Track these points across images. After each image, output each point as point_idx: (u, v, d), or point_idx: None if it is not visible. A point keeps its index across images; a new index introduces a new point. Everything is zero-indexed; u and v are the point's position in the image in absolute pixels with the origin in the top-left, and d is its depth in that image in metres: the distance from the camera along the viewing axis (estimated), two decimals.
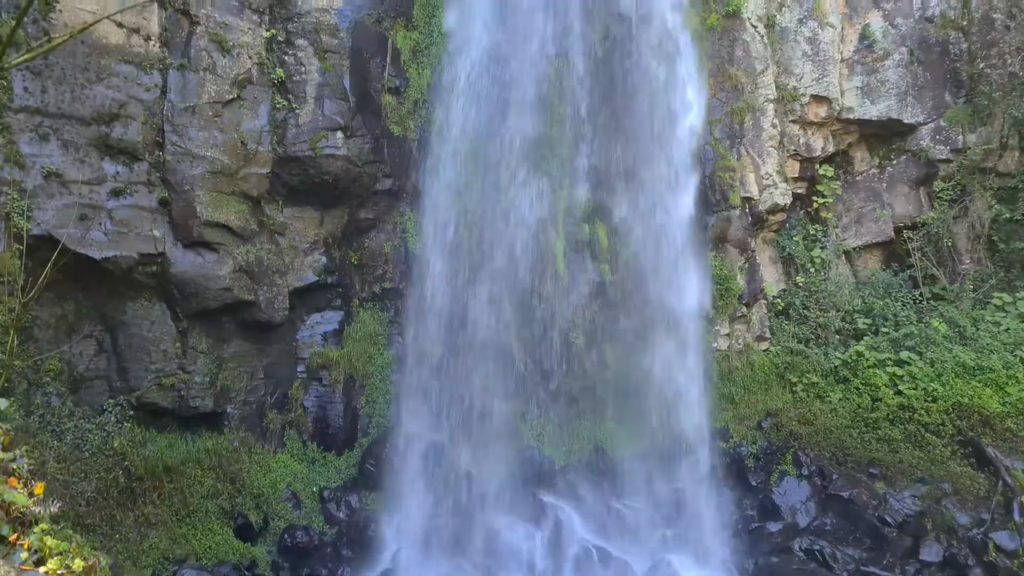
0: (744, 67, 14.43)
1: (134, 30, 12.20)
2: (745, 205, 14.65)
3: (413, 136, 14.02)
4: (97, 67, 11.86)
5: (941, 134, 14.76)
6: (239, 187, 13.10)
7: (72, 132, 11.67)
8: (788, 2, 14.56)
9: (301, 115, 13.59)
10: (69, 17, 11.71)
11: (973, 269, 14.61)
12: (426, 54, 14.03)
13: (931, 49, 14.66)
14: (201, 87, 12.65)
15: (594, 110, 13.88)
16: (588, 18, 13.64)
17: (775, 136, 14.74)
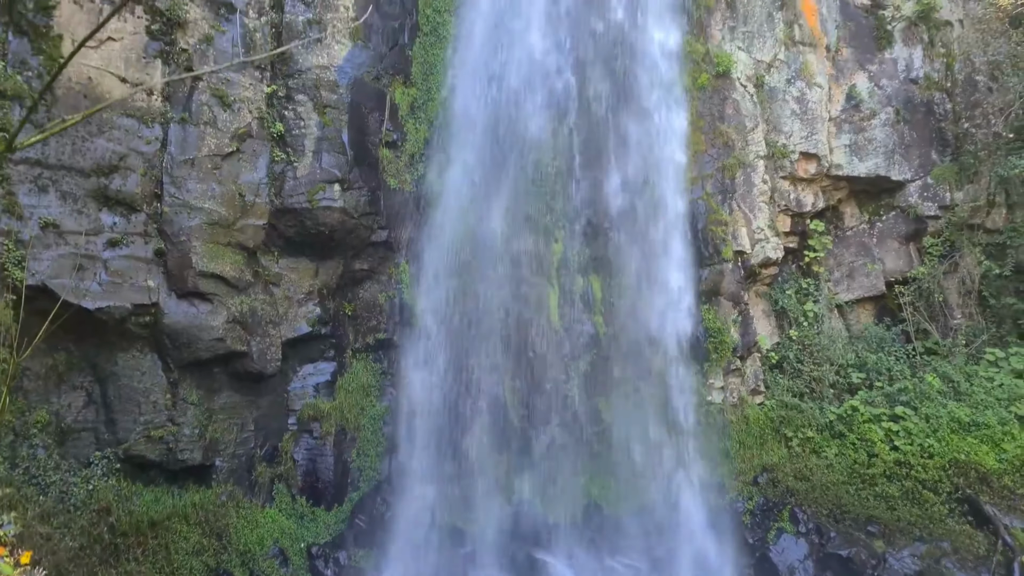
0: (735, 124, 14.74)
1: (136, 84, 12.44)
2: (737, 259, 14.77)
3: (409, 188, 14.20)
4: (99, 121, 12.06)
5: (929, 191, 15.03)
6: (235, 238, 13.18)
7: (71, 183, 11.79)
8: (776, 63, 14.96)
9: (299, 168, 13.76)
10: (74, 72, 11.97)
11: (965, 324, 14.69)
12: (423, 109, 14.32)
13: (916, 109, 15.05)
14: (201, 140, 12.84)
15: (588, 164, 14.12)
16: (582, 78, 13.98)
17: (766, 191, 14.96)
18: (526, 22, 13.40)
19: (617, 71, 13.67)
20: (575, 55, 13.48)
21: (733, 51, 14.77)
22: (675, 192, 13.84)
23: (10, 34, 11.48)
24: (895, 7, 15.20)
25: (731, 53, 14.72)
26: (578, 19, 13.60)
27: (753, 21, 14.81)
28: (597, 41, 13.63)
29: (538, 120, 13.46)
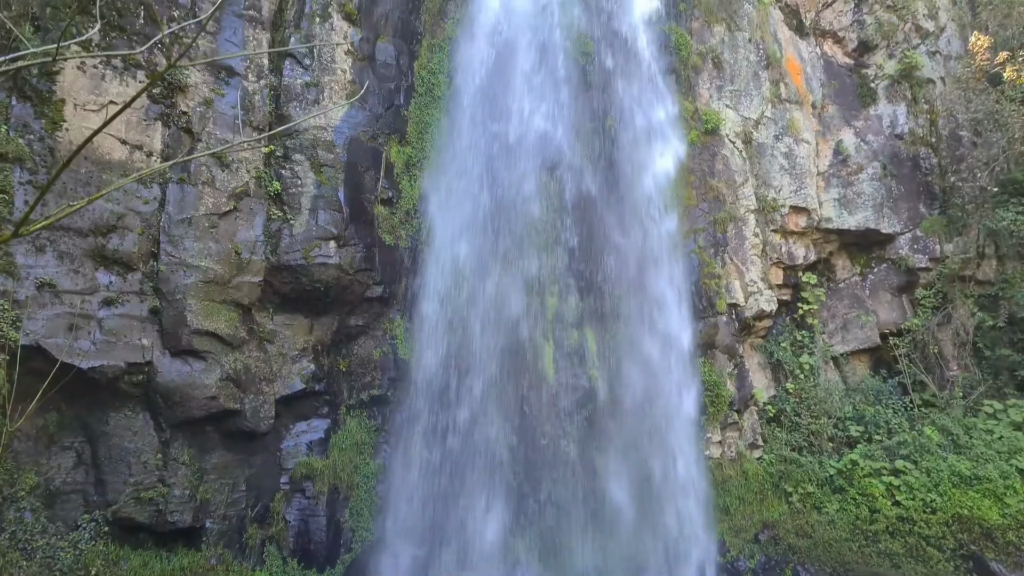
0: (725, 179, 14.99)
1: (137, 147, 12.67)
2: (731, 311, 14.82)
3: (404, 245, 14.34)
4: (99, 182, 12.21)
5: (919, 243, 15.19)
6: (231, 295, 13.23)
7: (69, 243, 11.88)
8: (763, 120, 15.30)
9: (295, 225, 13.90)
10: (75, 135, 12.19)
11: (961, 376, 14.65)
12: (418, 167, 14.57)
13: (903, 163, 15.33)
14: (199, 200, 13.00)
15: (582, 219, 14.29)
16: (577, 135, 14.28)
17: (758, 245, 15.11)
18: (514, 91, 13.75)
19: (611, 130, 13.97)
20: (566, 119, 13.78)
21: (721, 109, 15.12)
22: (669, 246, 13.99)
23: (13, 99, 11.74)
24: (878, 66, 15.64)
25: (719, 111, 15.07)
26: (570, 94, 13.97)
27: (740, 80, 15.21)
28: (590, 108, 13.96)
29: (531, 177, 13.69)
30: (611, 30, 14.46)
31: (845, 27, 16.11)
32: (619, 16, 14.50)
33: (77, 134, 12.18)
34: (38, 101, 11.86)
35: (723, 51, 15.15)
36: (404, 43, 14.77)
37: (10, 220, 11.46)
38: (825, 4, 16.11)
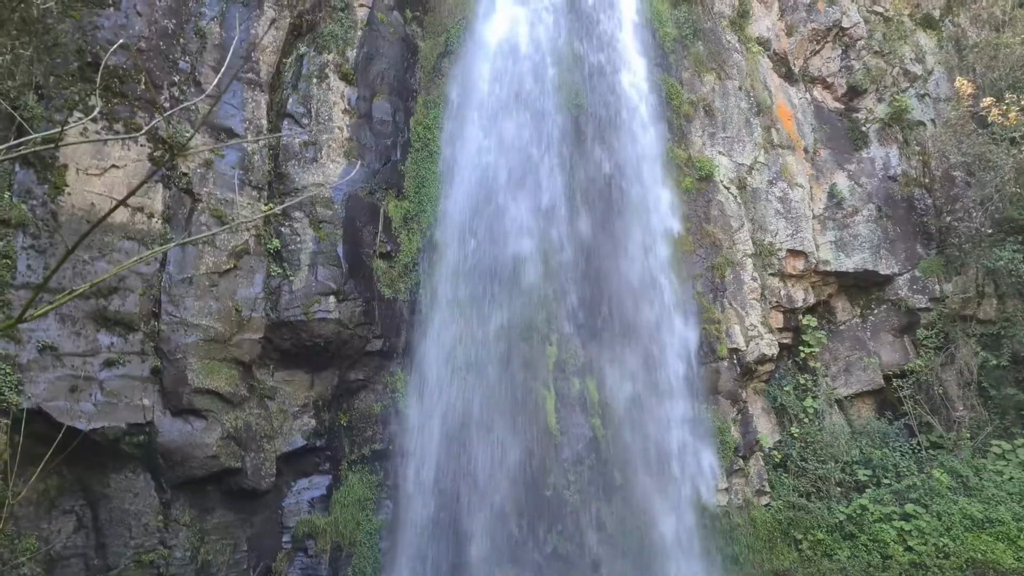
0: (721, 225, 15.08)
1: (138, 209, 12.86)
2: (733, 356, 14.78)
3: (404, 298, 14.42)
4: (100, 244, 12.39)
5: (918, 284, 15.18)
6: (231, 353, 13.27)
7: (71, 306, 11.99)
8: (757, 166, 15.46)
9: (295, 282, 14.01)
10: (77, 200, 12.39)
11: (968, 416, 14.50)
12: (416, 220, 14.74)
13: (898, 205, 15.43)
14: (199, 259, 13.15)
15: (581, 266, 14.37)
16: (571, 176, 14.45)
17: (756, 289, 15.13)
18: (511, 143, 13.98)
19: (606, 174, 14.14)
20: (561, 171, 13.96)
21: (714, 156, 15.29)
22: (669, 291, 14.03)
23: (17, 166, 11.98)
24: (868, 110, 15.85)
25: (712, 158, 15.24)
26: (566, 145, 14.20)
27: (732, 127, 15.42)
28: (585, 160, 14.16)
29: (530, 228, 13.82)
30: (603, 81, 14.74)
31: (834, 73, 16.37)
32: (610, 67, 14.79)
33: (79, 198, 12.38)
34: (41, 167, 12.09)
35: (714, 99, 15.39)
36: (400, 100, 15.06)
37: (11, 284, 11.61)
38: (813, 51, 16.41)
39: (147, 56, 12.61)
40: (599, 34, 14.88)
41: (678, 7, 15.62)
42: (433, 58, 15.26)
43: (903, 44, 16.28)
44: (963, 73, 15.36)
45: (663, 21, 15.24)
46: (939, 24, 16.92)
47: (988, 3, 16.43)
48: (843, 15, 16.44)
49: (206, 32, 13.12)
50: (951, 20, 16.84)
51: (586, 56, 14.84)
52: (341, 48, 14.28)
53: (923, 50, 16.51)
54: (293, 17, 13.99)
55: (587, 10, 14.99)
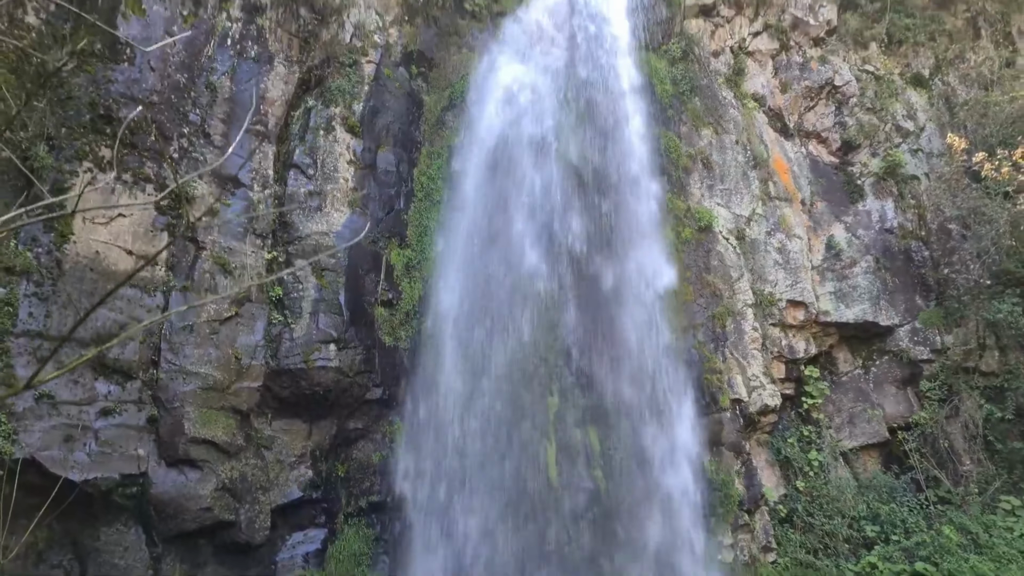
0: (720, 275, 15.17)
1: (142, 257, 12.95)
2: (735, 407, 14.64)
3: (405, 346, 14.38)
4: (103, 292, 12.38)
5: (919, 335, 15.18)
6: (229, 402, 13.15)
7: (70, 353, 11.90)
8: (755, 217, 15.66)
9: (296, 329, 13.99)
10: (82, 248, 12.47)
11: (975, 470, 14.29)
12: (418, 268, 14.82)
13: (895, 257, 15.56)
14: (201, 306, 13.16)
15: (580, 318, 14.37)
16: (573, 224, 14.59)
17: (757, 339, 15.11)
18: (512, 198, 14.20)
19: (604, 229, 14.29)
20: (563, 221, 14.12)
21: (713, 207, 15.50)
22: (670, 344, 14.00)
23: (25, 216, 12.09)
24: (863, 164, 16.16)
25: (711, 209, 15.44)
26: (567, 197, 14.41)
27: (729, 179, 15.68)
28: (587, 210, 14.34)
29: (530, 276, 13.88)
30: (603, 134, 15.05)
31: (828, 128, 16.77)
32: (610, 120, 15.12)
33: (84, 246, 12.46)
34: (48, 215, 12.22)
35: (712, 153, 15.70)
36: (404, 151, 15.35)
37: (12, 332, 11.57)
38: (807, 107, 16.84)
39: (158, 109, 12.89)
40: (599, 89, 15.27)
41: (675, 65, 16.08)
42: (437, 111, 15.62)
43: (894, 101, 16.72)
44: (954, 129, 15.71)
45: (661, 78, 15.67)
46: (929, 83, 17.40)
47: (976, 63, 16.94)
48: (835, 73, 16.93)
49: (217, 86, 13.44)
50: (940, 79, 17.33)
51: (586, 109, 15.20)
52: (348, 102, 14.62)
53: (914, 107, 16.94)
54: (302, 72, 14.37)
55: (587, 67, 15.42)
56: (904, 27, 17.47)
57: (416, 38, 15.83)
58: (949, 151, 15.19)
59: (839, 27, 17.48)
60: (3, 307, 11.52)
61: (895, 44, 17.47)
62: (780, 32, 17.15)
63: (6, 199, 11.88)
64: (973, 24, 17.74)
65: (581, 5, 15.72)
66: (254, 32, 13.88)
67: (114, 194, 12.75)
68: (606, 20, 15.64)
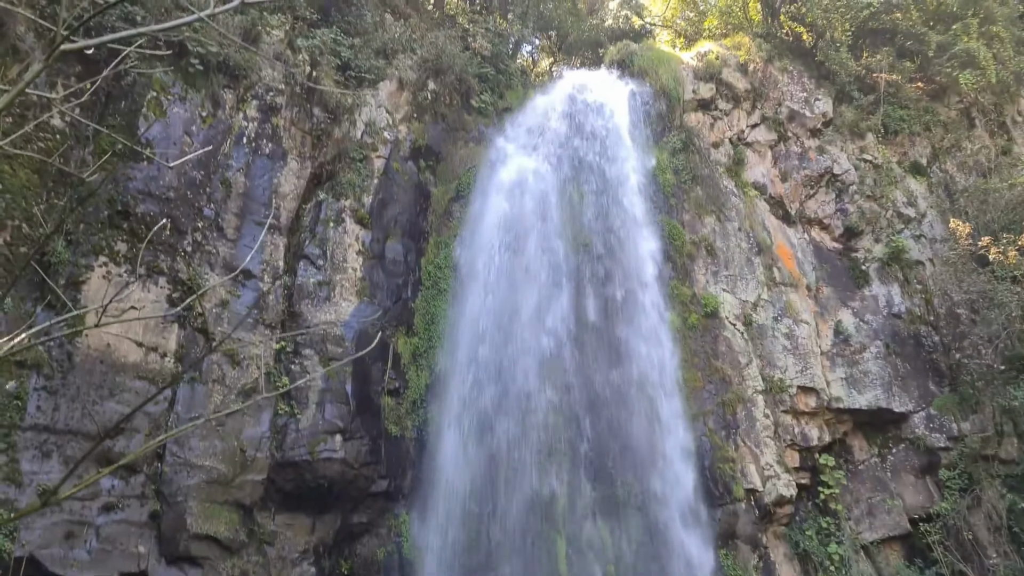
0: (729, 361, 15.09)
1: (152, 348, 13.04)
2: (750, 497, 14.27)
3: (411, 436, 14.25)
4: (112, 384, 12.45)
5: (934, 422, 14.90)
6: (233, 495, 12.95)
7: (75, 447, 11.87)
8: (761, 303, 15.70)
9: (302, 420, 13.91)
10: (94, 341, 12.60)
11: (1003, 564, 13.71)
12: (425, 356, 14.85)
13: (905, 342, 15.45)
14: (208, 398, 13.15)
15: (589, 405, 14.25)
16: (578, 313, 14.66)
17: (769, 426, 14.88)
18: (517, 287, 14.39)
19: (609, 316, 14.36)
20: (567, 314, 14.24)
21: (718, 293, 15.58)
22: (678, 434, 13.82)
23: (39, 308, 12.30)
24: (866, 250, 16.29)
25: (717, 295, 15.52)
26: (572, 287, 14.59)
27: (734, 265, 15.82)
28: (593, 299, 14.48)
29: (537, 369, 13.88)
30: (607, 222, 15.34)
31: (829, 215, 17.02)
32: (615, 209, 15.44)
33: (95, 339, 12.59)
34: (61, 309, 12.41)
35: (715, 239, 15.92)
36: (412, 241, 15.65)
37: (19, 426, 11.58)
38: (808, 195, 17.15)
39: (174, 204, 13.28)
40: (603, 180, 15.67)
41: (676, 156, 16.53)
42: (445, 202, 16.01)
43: (894, 189, 17.02)
44: (955, 216, 15.90)
45: (663, 168, 16.08)
46: (927, 170, 17.75)
47: (973, 152, 17.32)
48: (834, 162, 17.32)
49: (232, 181, 13.89)
50: (938, 167, 17.68)
51: (590, 200, 15.55)
52: (358, 194, 15.03)
53: (914, 194, 17.21)
54: (314, 167, 14.86)
55: (591, 158, 15.89)
56: (899, 118, 17.99)
57: (424, 133, 16.41)
58: (952, 236, 15.32)
59: (835, 119, 18.02)
60: (12, 401, 11.56)
61: (891, 134, 17.94)
62: (777, 124, 17.68)
63: (21, 292, 12.15)
64: (967, 115, 18.24)
65: (584, 100, 16.34)
66: (269, 130, 14.44)
67: (127, 287, 13.00)
68: (609, 114, 16.22)
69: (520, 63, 20.55)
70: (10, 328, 11.75)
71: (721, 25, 20.27)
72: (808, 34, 18.54)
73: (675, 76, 17.23)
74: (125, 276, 13.04)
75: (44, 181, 12.41)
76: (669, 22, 22.42)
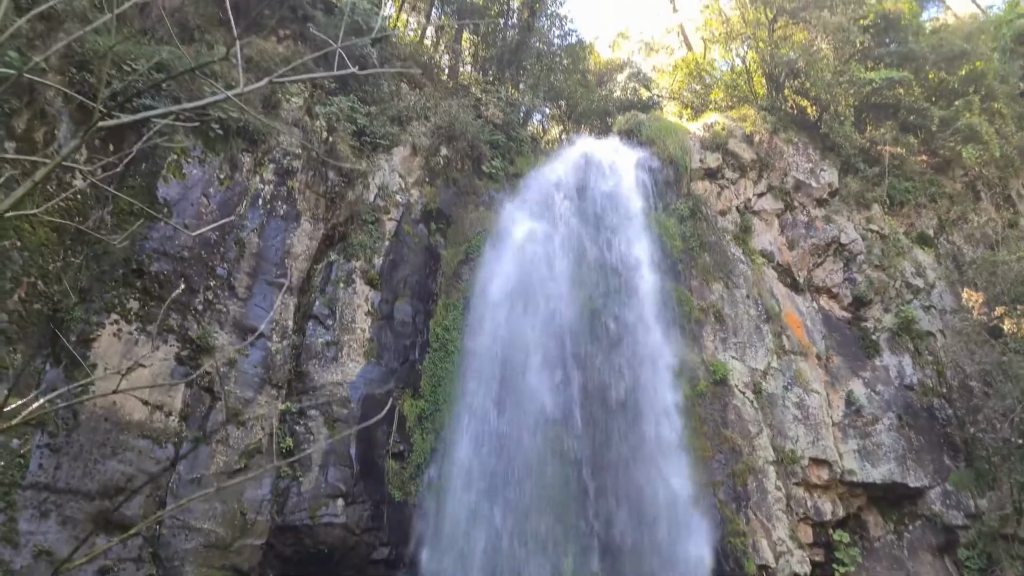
0: (739, 430, 14.85)
1: (158, 407, 12.99)
2: (762, 574, 13.80)
3: (413, 501, 13.97)
4: (115, 443, 12.35)
5: (951, 498, 14.51)
6: (231, 560, 12.66)
7: (74, 508, 11.70)
8: (771, 371, 15.57)
9: (304, 483, 13.70)
10: (100, 398, 12.58)
11: None
12: (431, 419, 14.70)
13: (918, 414, 15.21)
14: (211, 459, 13.01)
15: (596, 475, 14.00)
16: (585, 378, 14.56)
17: (781, 499, 14.52)
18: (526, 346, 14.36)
19: (616, 386, 14.26)
20: (575, 378, 14.17)
21: (727, 360, 15.47)
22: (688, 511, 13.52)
23: (48, 365, 12.33)
24: (876, 319, 16.23)
25: (726, 362, 15.41)
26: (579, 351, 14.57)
27: (743, 333, 15.76)
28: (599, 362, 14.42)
29: (544, 435, 13.71)
30: (615, 287, 15.40)
31: (838, 284, 17.05)
32: (623, 274, 15.52)
33: (102, 397, 12.57)
34: (71, 366, 12.42)
35: (723, 306, 15.91)
36: (421, 303, 15.73)
37: (20, 484, 11.45)
38: (816, 264, 17.22)
39: (188, 263, 13.46)
40: (611, 245, 15.81)
41: (684, 223, 16.71)
42: (454, 264, 16.15)
43: (902, 259, 17.08)
44: (964, 287, 15.89)
45: (671, 235, 16.23)
46: (934, 241, 17.86)
47: (979, 224, 17.45)
48: (841, 232, 17.46)
49: (245, 242, 14.10)
50: (945, 238, 17.80)
51: (598, 264, 15.66)
52: (368, 256, 15.21)
53: (922, 265, 17.26)
54: (327, 228, 15.10)
55: (599, 223, 16.08)
56: (904, 190, 18.22)
57: (436, 197, 16.71)
58: (964, 307, 15.27)
59: (841, 189, 18.27)
60: (14, 459, 11.47)
61: (897, 205, 18.14)
62: (784, 193, 17.93)
63: (32, 349, 12.19)
64: (972, 187, 18.47)
65: (593, 168, 16.66)
66: (284, 192, 14.74)
67: (137, 345, 13.04)
68: (617, 181, 16.50)
69: (531, 131, 21.11)
70: (19, 384, 11.77)
71: (727, 98, 20.83)
72: (812, 108, 19.00)
73: (682, 145, 17.60)
74: (135, 334, 13.11)
75: (62, 239, 12.60)
76: (676, 94, 23.07)
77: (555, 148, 20.07)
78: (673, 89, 23.23)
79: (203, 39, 15.26)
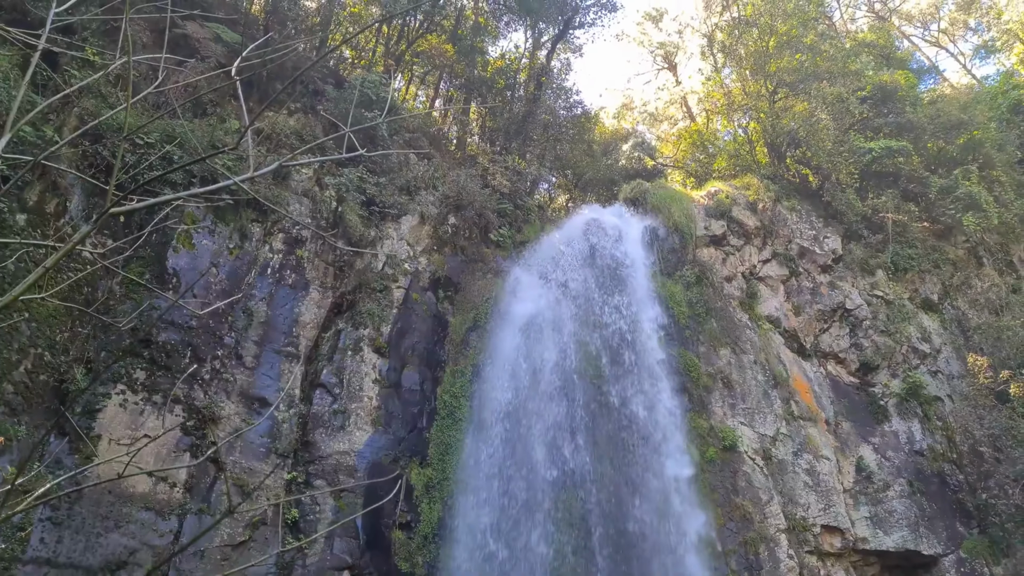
0: (749, 497, 14.64)
1: (162, 478, 12.85)
2: None
3: (421, 573, 13.66)
4: (118, 515, 12.17)
5: (965, 566, 14.21)
6: None
7: None
8: (780, 437, 15.45)
9: (310, 555, 13.44)
10: (104, 469, 12.38)
11: None
12: (439, 488, 14.50)
13: (929, 480, 15.03)
14: (215, 531, 12.78)
15: (606, 536, 13.76)
16: (595, 442, 14.42)
17: (794, 568, 14.20)
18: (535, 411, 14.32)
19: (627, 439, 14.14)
20: (585, 444, 14.06)
21: (736, 426, 15.38)
22: None
23: (52, 436, 12.26)
24: (884, 384, 16.20)
25: (735, 428, 15.31)
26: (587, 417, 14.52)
27: (751, 398, 15.70)
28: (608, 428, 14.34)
29: (552, 501, 13.54)
30: (622, 352, 15.43)
31: (844, 349, 17.07)
32: (630, 337, 15.56)
33: (106, 468, 12.39)
34: (75, 437, 12.33)
35: (731, 372, 15.90)
36: (428, 370, 15.72)
37: (20, 559, 11.24)
38: (822, 329, 17.29)
39: (195, 332, 13.52)
40: (617, 311, 15.91)
41: (690, 289, 16.85)
42: (462, 332, 16.21)
43: (908, 325, 17.16)
44: (970, 352, 15.92)
45: (677, 301, 16.35)
46: (939, 307, 17.97)
47: (983, 290, 17.59)
48: (846, 298, 17.59)
49: (254, 311, 14.19)
50: (950, 303, 17.91)
51: (605, 328, 15.73)
52: (377, 324, 15.28)
53: (928, 330, 17.33)
54: (335, 297, 15.22)
55: (606, 287, 16.22)
56: (907, 256, 18.44)
57: (444, 265, 16.90)
58: (970, 372, 15.25)
59: (845, 255, 18.50)
60: (16, 533, 11.30)
61: (901, 271, 18.33)
62: (788, 260, 18.14)
63: (36, 420, 12.13)
64: (974, 253, 18.68)
65: (599, 235, 16.91)
66: (293, 262, 14.92)
67: (142, 415, 12.99)
68: (623, 248, 16.73)
69: (537, 199, 21.48)
70: (23, 455, 11.69)
71: (730, 166, 21.28)
72: (814, 176, 19.40)
73: (687, 213, 17.91)
74: (141, 404, 13.06)
75: (70, 310, 12.68)
76: (680, 163, 23.57)
77: (562, 216, 20.42)
78: (677, 158, 23.75)
79: (215, 112, 15.71)
